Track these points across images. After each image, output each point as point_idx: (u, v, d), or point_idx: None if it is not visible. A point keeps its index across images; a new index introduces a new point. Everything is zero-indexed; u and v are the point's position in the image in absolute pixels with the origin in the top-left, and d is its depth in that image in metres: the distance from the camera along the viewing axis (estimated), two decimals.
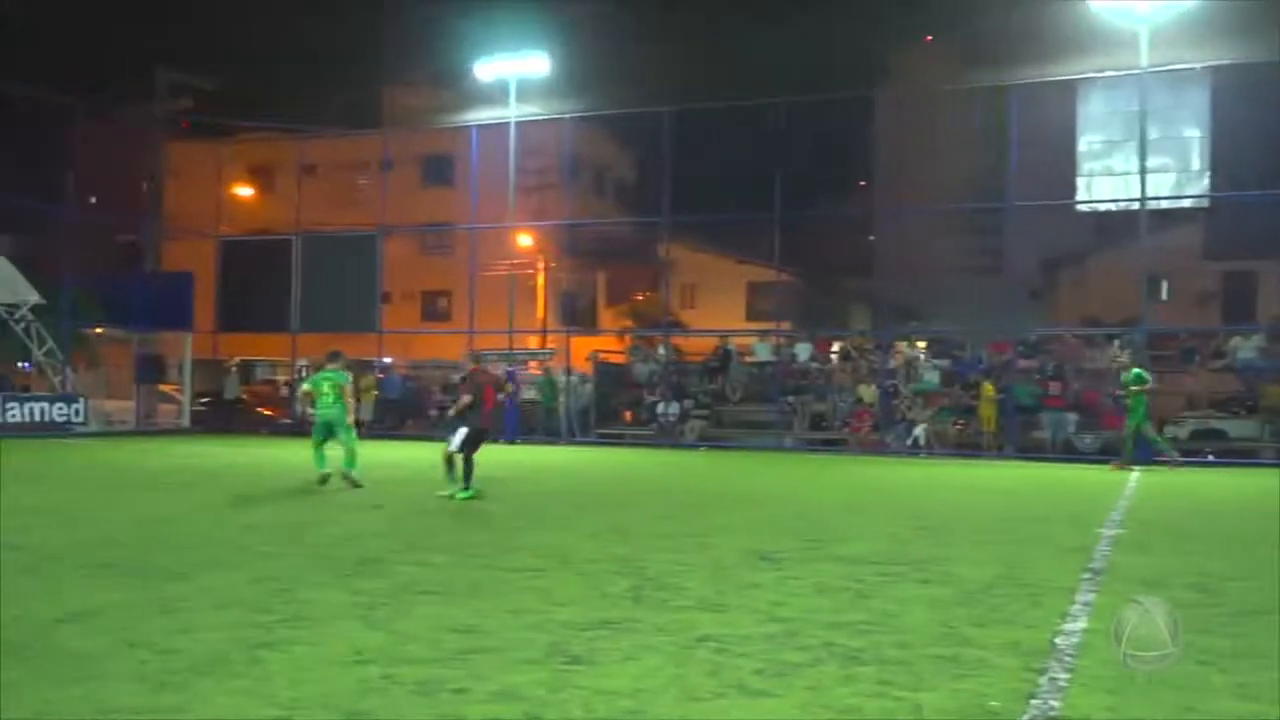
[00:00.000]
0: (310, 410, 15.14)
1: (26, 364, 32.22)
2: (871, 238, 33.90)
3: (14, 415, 25.60)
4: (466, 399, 13.88)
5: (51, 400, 27.04)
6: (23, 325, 27.76)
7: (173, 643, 5.54)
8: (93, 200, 35.43)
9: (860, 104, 27.18)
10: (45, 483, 14.57)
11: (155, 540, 9.32)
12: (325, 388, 14.88)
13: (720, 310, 37.59)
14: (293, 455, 20.33)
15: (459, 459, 13.40)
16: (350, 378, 15.28)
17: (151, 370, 30.74)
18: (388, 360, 30.40)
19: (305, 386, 15.66)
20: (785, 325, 29.04)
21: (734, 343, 27.31)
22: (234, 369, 32.61)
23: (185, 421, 30.27)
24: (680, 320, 35.15)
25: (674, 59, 40.29)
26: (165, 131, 36.17)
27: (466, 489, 13.14)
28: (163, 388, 31.70)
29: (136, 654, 5.31)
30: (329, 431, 14.79)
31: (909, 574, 7.93)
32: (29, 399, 26.96)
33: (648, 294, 40.02)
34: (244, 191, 39.29)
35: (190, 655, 5.29)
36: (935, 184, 28.14)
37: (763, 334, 27.80)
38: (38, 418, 26.06)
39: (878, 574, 7.90)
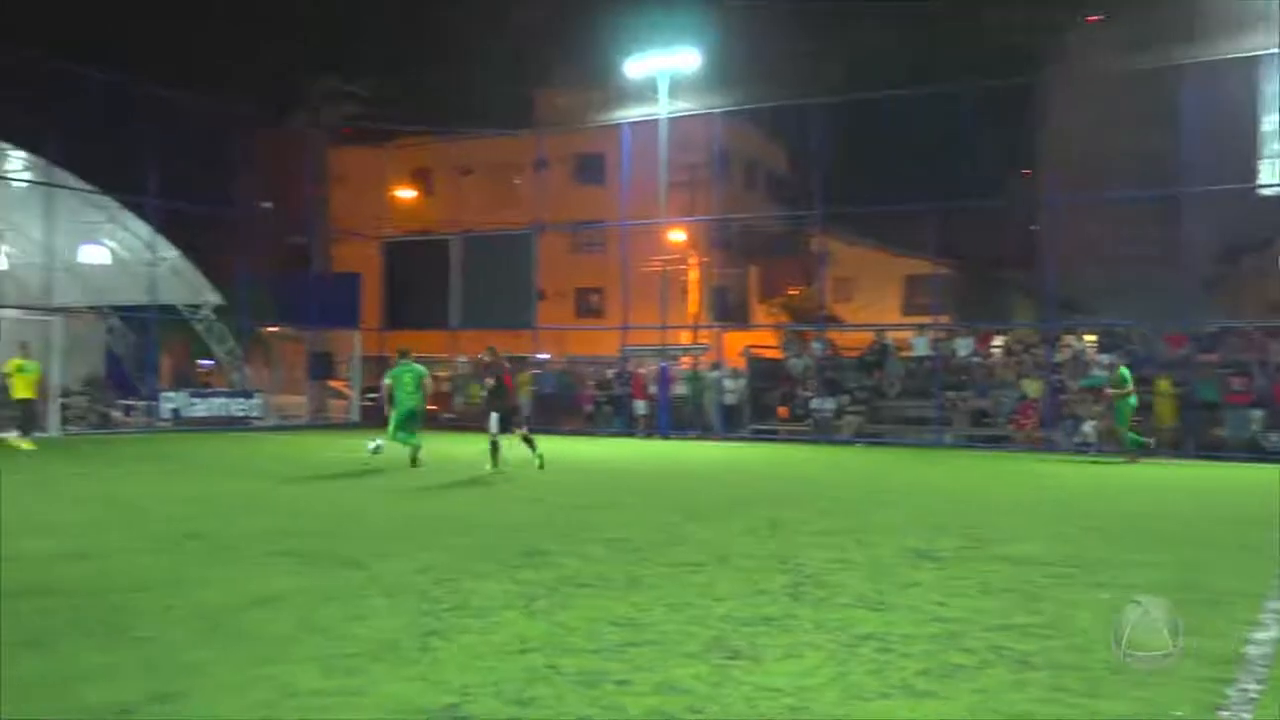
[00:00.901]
0: (389, 407, 16.69)
1: (208, 361, 34.10)
2: (1035, 227, 32.76)
3: (198, 410, 27.10)
4: (490, 382, 16.22)
5: (231, 395, 28.52)
6: (204, 324, 29.41)
7: (349, 628, 5.78)
8: (265, 205, 37.23)
9: (1021, 90, 26.25)
10: (227, 474, 15.39)
11: (330, 530, 9.74)
12: (407, 379, 16.54)
13: (876, 304, 36.95)
14: (454, 448, 20.92)
15: (501, 441, 15.88)
16: (427, 371, 17.04)
17: (322, 367, 32.11)
18: (543, 356, 30.97)
19: (386, 381, 17.02)
20: (944, 319, 28.33)
21: (891, 337, 26.79)
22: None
23: (354, 416, 31.49)
24: (835, 314, 34.70)
25: (826, 50, 39.78)
26: (330, 138, 37.75)
27: (539, 460, 15.82)
28: (332, 384, 33.05)
29: (315, 638, 5.57)
30: (411, 418, 16.46)
31: (1080, 576, 7.65)
32: (211, 394, 28.51)
33: (801, 288, 39.65)
34: (405, 194, 40.60)
35: (365, 641, 5.52)
36: (1103, 170, 26.98)
37: (920, 328, 27.20)
38: (219, 412, 27.52)
39: (1046, 575, 7.64)
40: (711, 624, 5.98)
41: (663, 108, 27.93)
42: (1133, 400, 19.58)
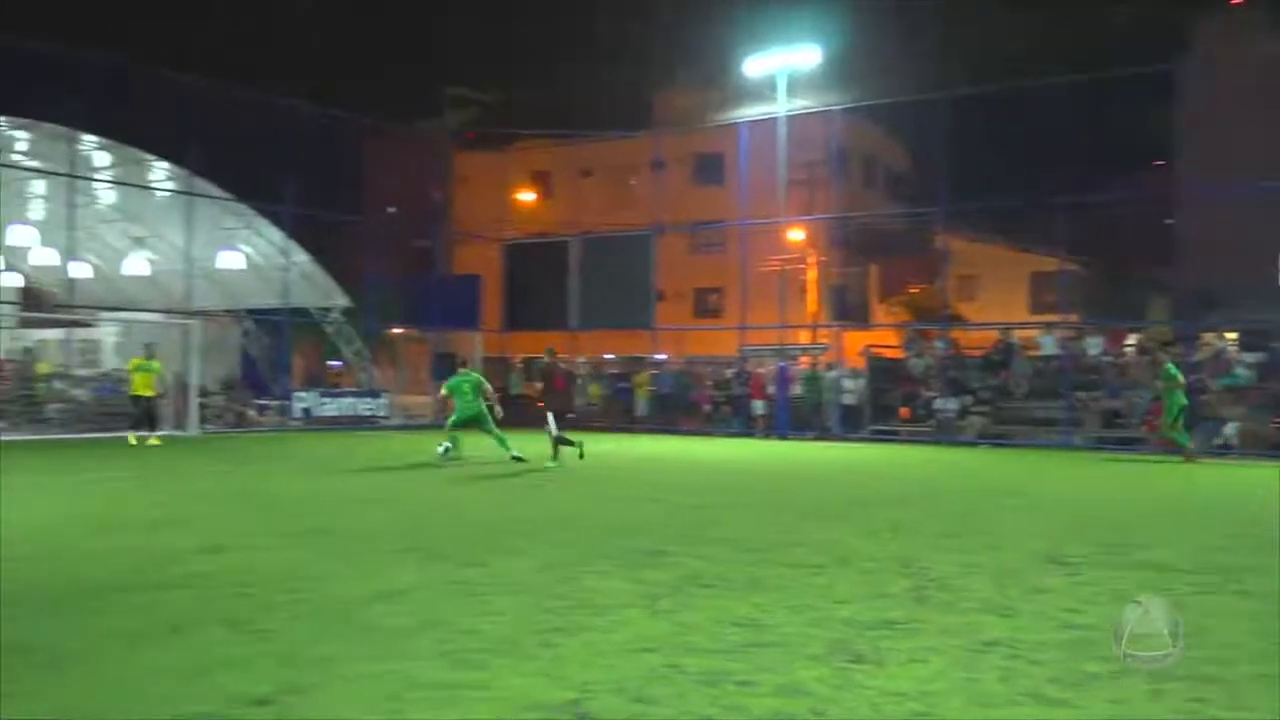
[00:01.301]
0: (447, 415, 17.80)
1: (337, 362, 35.16)
2: (1170, 221, 31.50)
3: (328, 409, 27.96)
4: (539, 385, 17.65)
5: (359, 395, 29.35)
6: (333, 326, 30.33)
7: (472, 624, 5.88)
8: (391, 210, 38.22)
9: (1154, 78, 25.24)
10: (354, 471, 15.83)
11: (454, 526, 9.93)
12: (466, 388, 17.22)
13: (1001, 302, 36.03)
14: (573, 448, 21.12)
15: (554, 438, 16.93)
16: (483, 378, 18.08)
17: (445, 367, 32.75)
18: (661, 357, 31.05)
19: (444, 391, 17.81)
20: (1073, 317, 27.47)
21: (1017, 336, 26.08)
22: (518, 366, 34.24)
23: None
24: (958, 313, 33.97)
25: (948, 43, 38.97)
26: (453, 143, 38.57)
27: (579, 454, 17.08)
28: None
29: (439, 633, 5.67)
30: (467, 425, 17.17)
31: (1223, 585, 7.32)
32: (340, 394, 29.39)
33: (923, 286, 38.91)
34: (525, 196, 41.21)
35: (488, 636, 5.60)
36: (1245, 160, 25.77)
37: (1048, 326, 26.41)
38: (347, 411, 28.34)
39: (1186, 583, 7.33)
40: (833, 626, 5.90)
41: (781, 106, 27.73)
42: (1181, 398, 19.31)
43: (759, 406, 27.04)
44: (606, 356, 35.01)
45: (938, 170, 25.71)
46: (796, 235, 34.37)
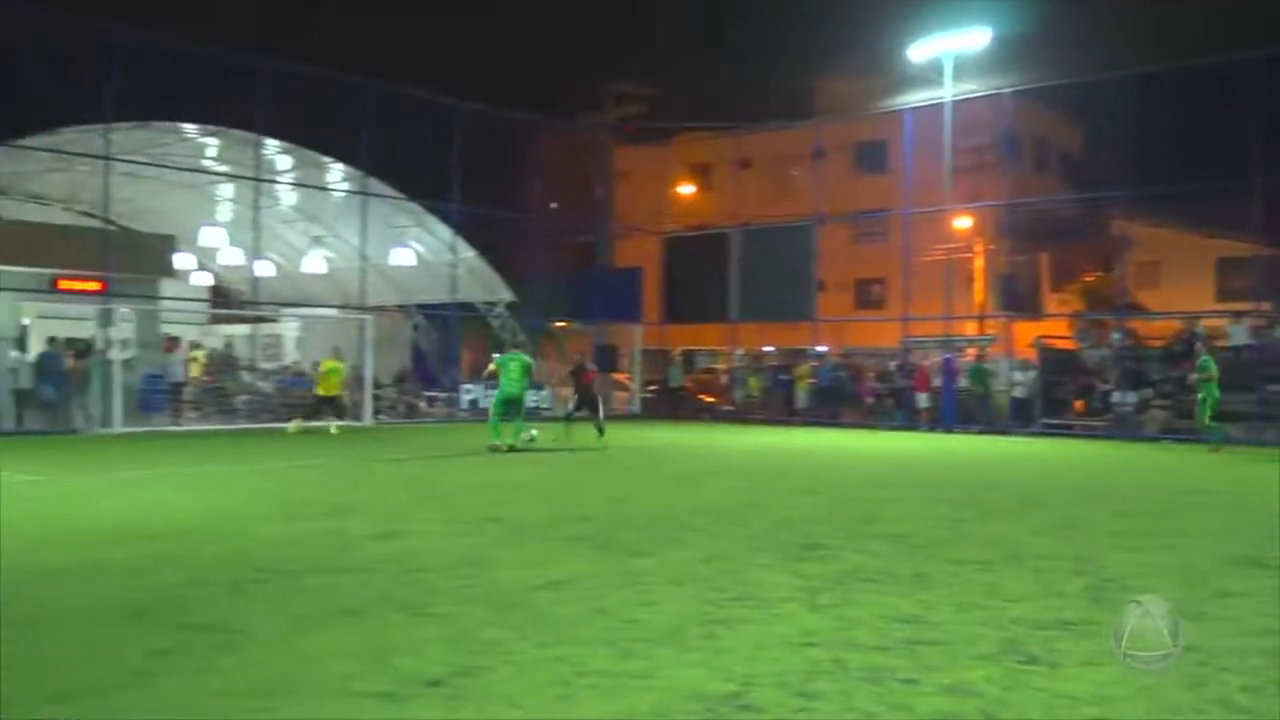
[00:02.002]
0: (489, 387, 18.72)
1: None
2: None
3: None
4: (569, 380, 19.36)
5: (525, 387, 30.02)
6: (499, 320, 31.10)
7: (636, 613, 5.94)
8: (553, 205, 38.92)
9: None
10: (520, 462, 16.20)
11: (617, 517, 10.06)
12: (512, 366, 17.18)
13: (1185, 290, 34.18)
14: (733, 440, 21.14)
15: (569, 426, 19.07)
16: (533, 361, 18.32)
17: (606, 359, 33.21)
18: (822, 349, 30.71)
19: (492, 366, 17.89)
20: (1265, 305, 25.83)
21: (1202, 325, 24.70)
22: (678, 358, 34.44)
23: (635, 407, 32.39)
24: (1137, 301, 32.43)
25: (1127, 18, 37.17)
26: (614, 138, 38.98)
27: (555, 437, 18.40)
28: (615, 376, 34.12)
29: (604, 621, 5.76)
30: (510, 406, 17.16)
31: None
32: None
33: (1098, 274, 37.30)
34: (685, 189, 41.33)
35: (651, 626, 5.65)
36: None
37: (1238, 315, 24.94)
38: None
39: None
40: (1003, 625, 5.73)
41: (948, 90, 26.98)
42: (1215, 390, 19.25)
43: (923, 399, 26.43)
44: (766, 349, 34.82)
45: (1115, 152, 24.55)
46: (963, 223, 33.41)
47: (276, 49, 25.09)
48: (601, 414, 20.23)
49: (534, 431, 17.84)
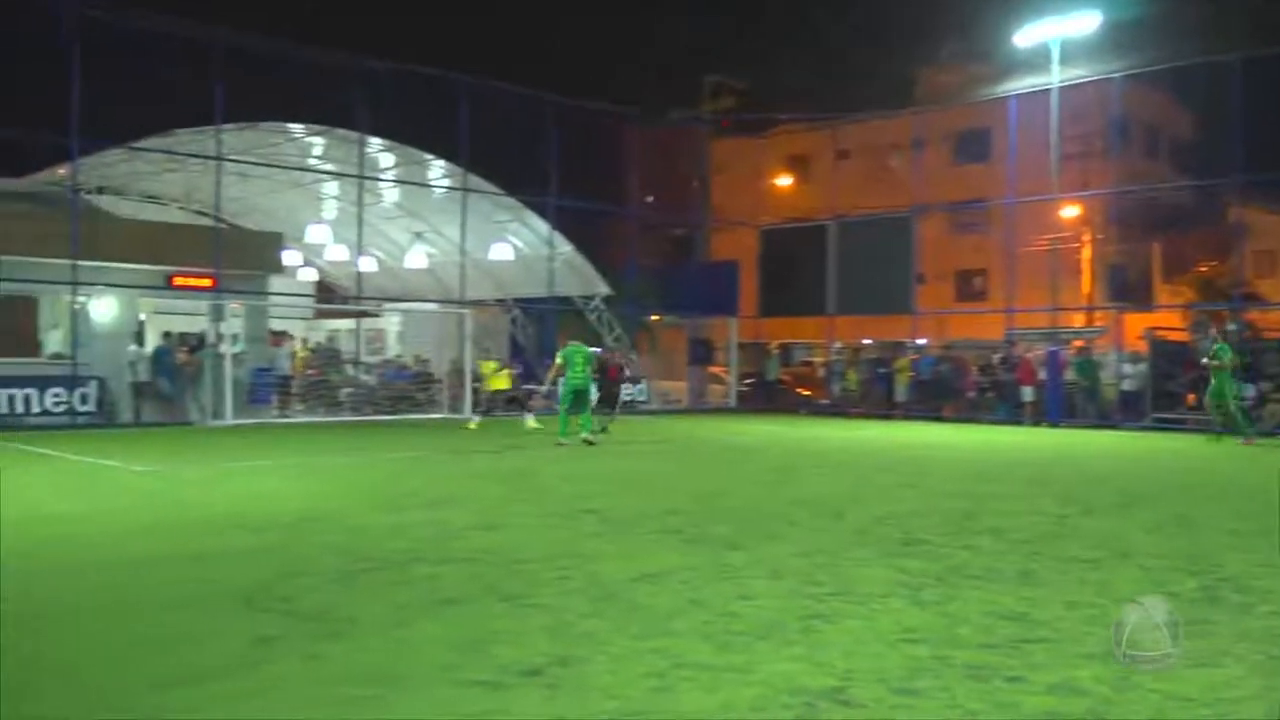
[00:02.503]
0: (554, 385, 18.91)
1: (598, 349, 36.21)
2: None
3: (591, 394, 28.70)
4: (596, 375, 19.00)
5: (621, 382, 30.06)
6: (595, 314, 31.24)
7: (733, 606, 5.93)
8: (650, 199, 38.96)
9: None
10: (619, 455, 16.28)
11: (713, 510, 10.05)
12: (578, 360, 17.41)
13: None
14: (831, 433, 20.94)
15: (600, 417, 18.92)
16: (594, 354, 18.53)
17: (702, 353, 33.22)
18: (921, 341, 30.20)
19: (558, 360, 18.00)
20: None
21: None
22: (775, 351, 34.22)
23: (731, 401, 32.28)
24: (1256, 292, 31.23)
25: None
26: (710, 131, 38.88)
27: (601, 430, 18.53)
28: (711, 370, 34.09)
29: (701, 614, 5.76)
30: (578, 398, 17.39)
31: None
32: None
33: (1214, 264, 36.00)
34: (782, 181, 41.02)
35: (749, 619, 5.63)
36: None
37: None
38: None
39: None
40: (1112, 624, 5.58)
41: (1055, 76, 26.27)
42: (1228, 378, 19.30)
43: (1028, 393, 25.81)
44: (864, 341, 34.40)
45: (1232, 138, 23.64)
46: (1069, 212, 32.54)
47: (378, 49, 25.61)
48: (615, 412, 20.94)
49: (533, 423, 18.53)
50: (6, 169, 25.66)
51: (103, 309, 23.31)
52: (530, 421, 21.77)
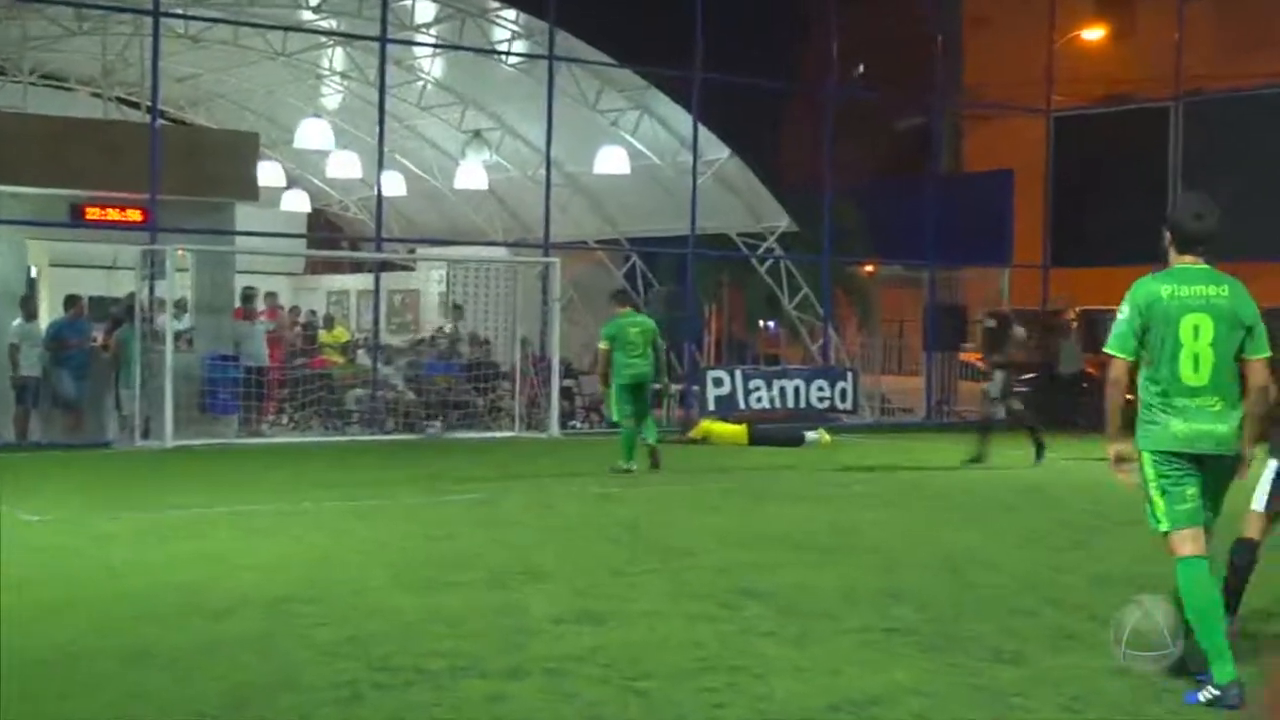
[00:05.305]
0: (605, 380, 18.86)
1: (772, 322, 35.94)
2: None
3: (758, 397, 28.03)
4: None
5: (809, 375, 29.16)
6: (767, 264, 30.95)
7: None
8: (859, 71, 38.68)
9: None
10: (795, 499, 16.24)
11: (961, 592, 9.97)
12: (632, 332, 17.97)
13: None
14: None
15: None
16: (657, 327, 18.82)
17: (947, 329, 32.30)
18: None
19: (602, 344, 18.48)
20: None
21: None
22: (1074, 326, 33.27)
23: (999, 410, 31.55)
24: None
25: None
26: None
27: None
28: (965, 356, 33.34)
29: None
30: (638, 395, 17.97)
31: None
32: (778, 374, 29.59)
33: None
34: (1089, 35, 40.23)
35: None
36: None
37: None
38: (790, 402, 28.32)
39: None
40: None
41: None
42: None
43: None
44: None
45: None
46: None
47: None
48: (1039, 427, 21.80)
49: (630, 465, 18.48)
50: None
51: None
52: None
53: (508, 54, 28.74)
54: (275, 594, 9.74)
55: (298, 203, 33.39)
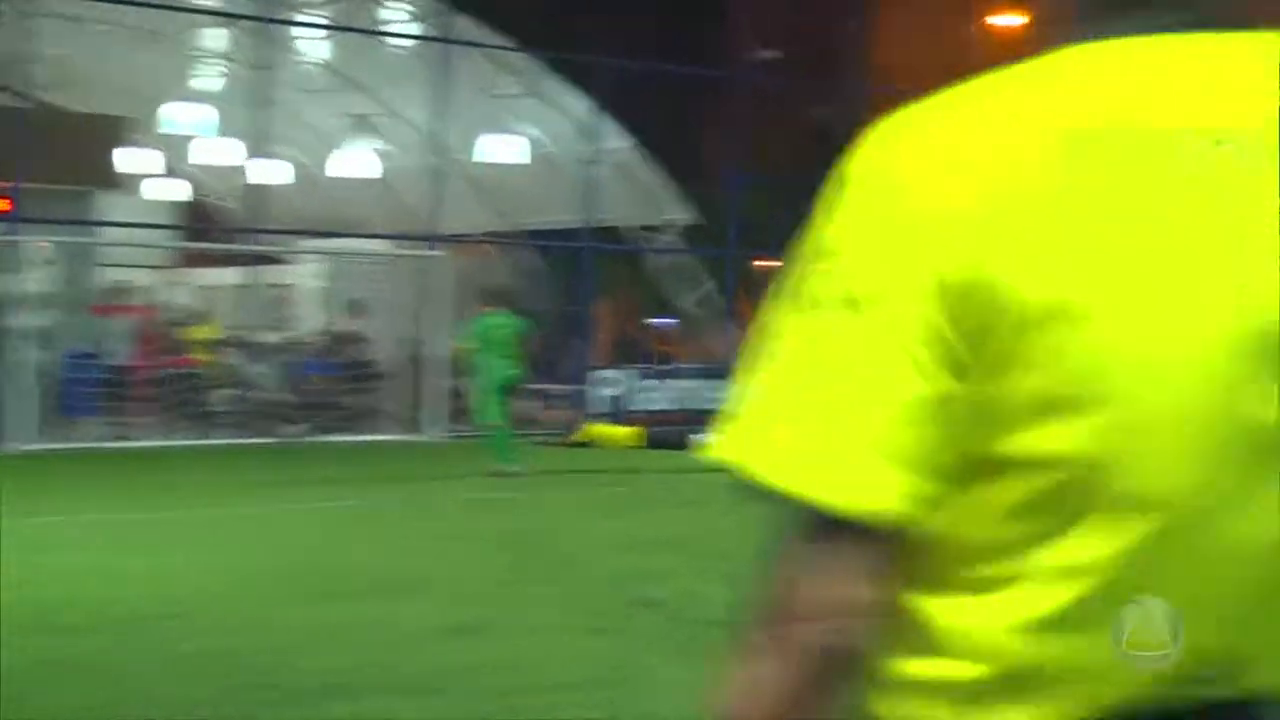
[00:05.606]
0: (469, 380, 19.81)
1: (670, 319, 35.91)
2: None
3: (653, 398, 27.77)
4: None
5: (706, 375, 28.80)
6: (665, 259, 30.88)
7: None
8: (765, 55, 38.81)
9: None
10: (690, 502, 16.38)
11: None
12: (497, 334, 18.56)
13: None
14: None
15: None
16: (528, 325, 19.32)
17: None
18: None
19: (465, 344, 19.63)
20: None
21: None
22: None
23: None
24: None
25: None
26: None
27: None
28: None
29: None
30: (507, 395, 18.60)
31: None
32: (673, 372, 29.44)
33: None
34: (1002, 21, 40.59)
35: None
36: None
37: None
38: (685, 402, 27.86)
39: None
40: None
41: None
42: None
43: None
44: None
45: None
46: None
47: None
48: None
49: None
50: None
51: None
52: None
53: (398, 35, 28.53)
54: (136, 608, 9.74)
55: (171, 191, 32.96)
